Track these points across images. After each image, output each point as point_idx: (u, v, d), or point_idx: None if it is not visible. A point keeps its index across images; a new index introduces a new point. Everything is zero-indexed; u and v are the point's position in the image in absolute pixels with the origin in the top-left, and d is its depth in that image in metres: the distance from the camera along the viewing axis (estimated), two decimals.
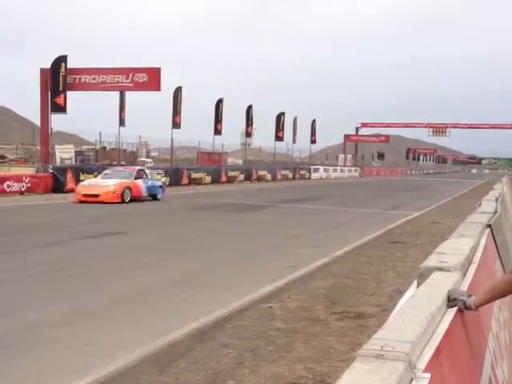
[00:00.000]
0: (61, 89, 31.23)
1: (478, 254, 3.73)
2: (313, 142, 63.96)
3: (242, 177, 42.71)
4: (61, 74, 31.20)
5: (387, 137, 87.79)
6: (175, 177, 34.55)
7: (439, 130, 77.53)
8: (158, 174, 31.81)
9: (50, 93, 31.29)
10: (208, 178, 37.86)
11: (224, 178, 39.77)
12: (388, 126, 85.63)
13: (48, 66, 31.43)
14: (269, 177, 46.69)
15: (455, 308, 2.40)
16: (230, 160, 60.26)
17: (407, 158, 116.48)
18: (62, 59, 31.64)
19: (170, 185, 33.48)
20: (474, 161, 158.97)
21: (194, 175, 36.53)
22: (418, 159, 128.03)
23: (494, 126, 78.74)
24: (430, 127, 78.09)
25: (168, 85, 36.44)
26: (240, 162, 59.80)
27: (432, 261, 3.13)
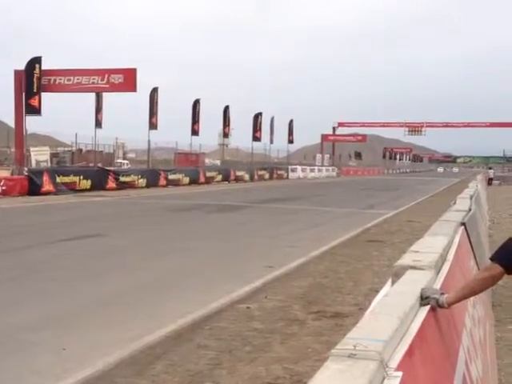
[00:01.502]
0: (35, 90, 30.91)
1: (452, 252, 3.77)
2: (290, 142, 64.08)
3: (219, 177, 42.64)
4: (35, 75, 30.88)
5: (364, 136, 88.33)
6: (152, 178, 34.39)
7: (415, 129, 78.20)
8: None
9: (24, 94, 30.95)
10: (186, 179, 37.73)
11: (202, 179, 39.67)
12: (364, 125, 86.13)
13: (22, 67, 31.10)
14: (247, 177, 46.70)
15: (428, 306, 2.42)
16: (207, 161, 60.14)
17: (384, 157, 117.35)
18: (36, 60, 31.31)
19: (148, 186, 33.37)
20: (450, 159, 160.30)
21: (172, 176, 36.37)
22: (395, 158, 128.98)
23: (468, 125, 79.60)
24: (406, 126, 78.71)
25: (145, 86, 36.31)
26: (218, 162, 59.71)
27: (406, 259, 3.16)
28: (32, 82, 30.83)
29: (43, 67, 31.52)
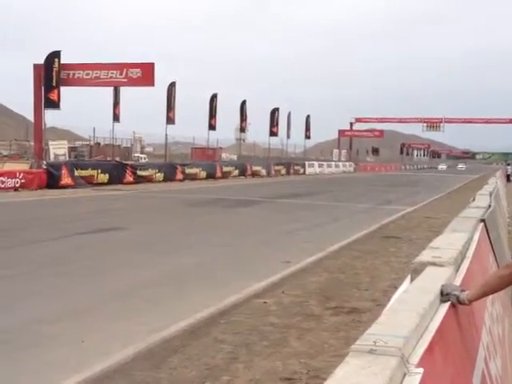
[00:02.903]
0: (54, 84, 31.12)
1: (471, 249, 3.74)
2: (307, 137, 64.02)
3: (236, 172, 42.68)
4: (54, 69, 31.09)
5: (381, 132, 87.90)
6: (169, 172, 34.52)
7: (433, 124, 77.65)
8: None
9: (43, 88, 31.17)
10: (203, 174, 37.80)
11: (219, 174, 39.73)
12: (382, 120, 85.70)
13: (41, 61, 31.32)
14: (263, 172, 46.69)
15: (448, 303, 2.40)
16: (224, 155, 60.28)
17: (401, 153, 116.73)
18: (55, 55, 31.51)
19: (165, 180, 33.49)
20: (468, 155, 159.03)
21: (189, 171, 36.47)
22: (413, 154, 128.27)
23: (487, 121, 78.96)
24: (424, 122, 78.20)
25: (163, 80, 36.43)
26: (234, 157, 59.80)
27: (425, 256, 3.14)
28: (51, 76, 31.04)
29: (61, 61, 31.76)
